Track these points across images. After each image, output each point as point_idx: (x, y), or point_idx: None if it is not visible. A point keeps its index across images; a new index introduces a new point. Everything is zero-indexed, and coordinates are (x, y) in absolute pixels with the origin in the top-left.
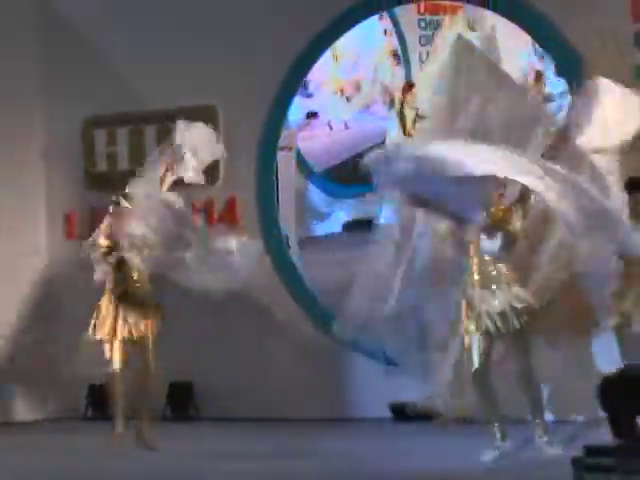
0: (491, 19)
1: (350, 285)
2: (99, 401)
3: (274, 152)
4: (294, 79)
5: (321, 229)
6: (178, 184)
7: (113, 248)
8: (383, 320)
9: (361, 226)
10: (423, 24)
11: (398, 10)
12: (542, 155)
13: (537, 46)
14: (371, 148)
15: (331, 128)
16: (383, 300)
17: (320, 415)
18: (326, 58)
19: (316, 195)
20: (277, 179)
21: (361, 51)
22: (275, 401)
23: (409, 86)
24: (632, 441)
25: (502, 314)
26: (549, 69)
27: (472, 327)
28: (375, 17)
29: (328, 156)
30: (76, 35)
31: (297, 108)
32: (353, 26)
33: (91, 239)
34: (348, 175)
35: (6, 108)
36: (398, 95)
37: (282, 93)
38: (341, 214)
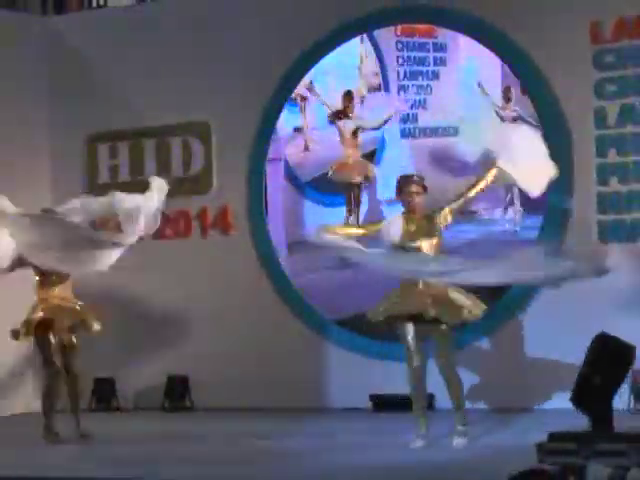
0: (462, 41)
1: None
2: (104, 394)
3: (263, 163)
4: (281, 96)
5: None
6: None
7: None
8: None
9: None
10: (400, 45)
11: (377, 33)
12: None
13: (505, 67)
14: None
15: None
16: None
17: (305, 405)
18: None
19: (303, 203)
20: (266, 188)
21: (343, 69)
22: (264, 392)
23: (349, 96)
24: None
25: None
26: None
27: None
28: (356, 39)
29: (314, 166)
30: (79, 59)
31: (285, 122)
32: (336, 47)
33: None
34: (333, 184)
35: (14, 127)
36: (331, 109)
37: (270, 109)
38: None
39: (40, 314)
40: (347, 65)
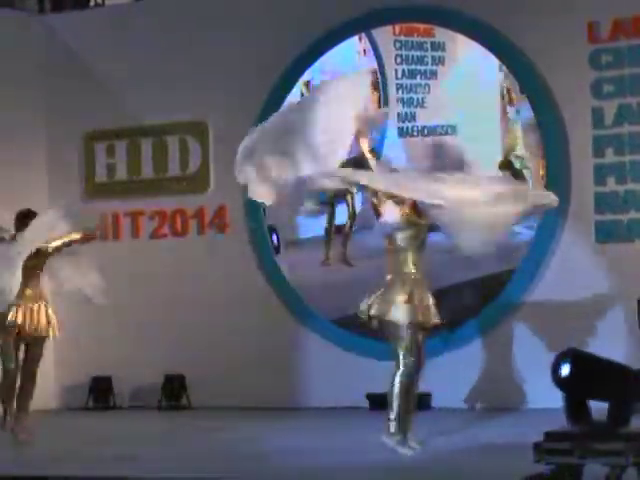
0: (460, 40)
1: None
2: (101, 392)
3: None
4: (279, 95)
5: (305, 232)
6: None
7: None
8: None
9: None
10: (398, 44)
11: (375, 32)
12: None
13: (503, 67)
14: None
15: None
16: None
17: (302, 404)
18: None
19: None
20: None
21: (341, 68)
22: (261, 392)
23: None
24: (586, 425)
25: None
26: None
27: None
28: (354, 38)
29: None
30: (77, 57)
31: None
32: (334, 46)
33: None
34: None
35: (12, 125)
36: None
37: (267, 108)
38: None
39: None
40: (345, 64)
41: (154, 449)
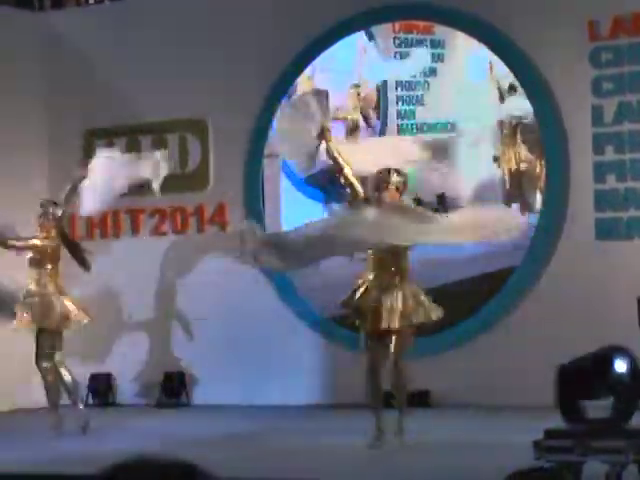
0: (460, 37)
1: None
2: (100, 389)
3: (260, 160)
4: (278, 93)
5: None
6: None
7: None
8: None
9: None
10: (398, 42)
11: (375, 29)
12: None
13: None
14: None
15: None
16: None
17: (302, 402)
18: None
19: (300, 199)
20: (263, 185)
21: (341, 66)
22: (259, 389)
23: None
24: (582, 423)
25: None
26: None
27: None
28: (354, 35)
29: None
30: (77, 55)
31: None
32: (334, 43)
33: None
34: (329, 181)
35: (12, 123)
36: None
37: (267, 105)
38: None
39: None
40: (345, 61)
41: (154, 447)
